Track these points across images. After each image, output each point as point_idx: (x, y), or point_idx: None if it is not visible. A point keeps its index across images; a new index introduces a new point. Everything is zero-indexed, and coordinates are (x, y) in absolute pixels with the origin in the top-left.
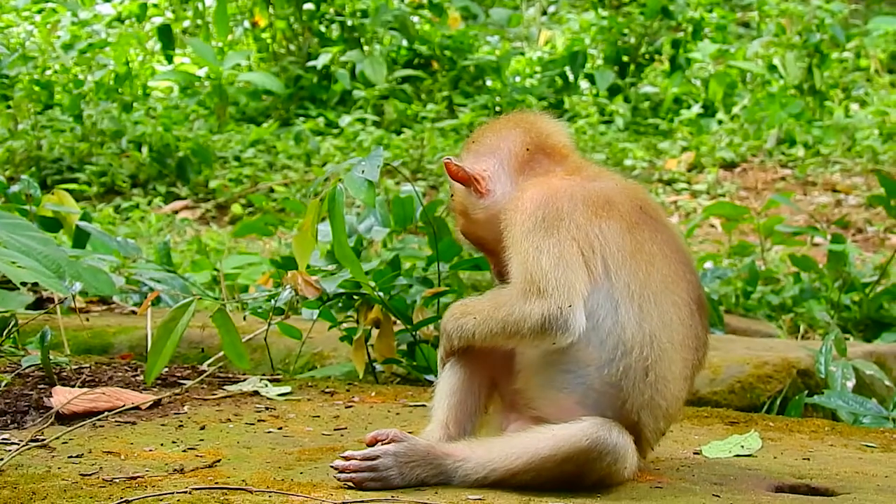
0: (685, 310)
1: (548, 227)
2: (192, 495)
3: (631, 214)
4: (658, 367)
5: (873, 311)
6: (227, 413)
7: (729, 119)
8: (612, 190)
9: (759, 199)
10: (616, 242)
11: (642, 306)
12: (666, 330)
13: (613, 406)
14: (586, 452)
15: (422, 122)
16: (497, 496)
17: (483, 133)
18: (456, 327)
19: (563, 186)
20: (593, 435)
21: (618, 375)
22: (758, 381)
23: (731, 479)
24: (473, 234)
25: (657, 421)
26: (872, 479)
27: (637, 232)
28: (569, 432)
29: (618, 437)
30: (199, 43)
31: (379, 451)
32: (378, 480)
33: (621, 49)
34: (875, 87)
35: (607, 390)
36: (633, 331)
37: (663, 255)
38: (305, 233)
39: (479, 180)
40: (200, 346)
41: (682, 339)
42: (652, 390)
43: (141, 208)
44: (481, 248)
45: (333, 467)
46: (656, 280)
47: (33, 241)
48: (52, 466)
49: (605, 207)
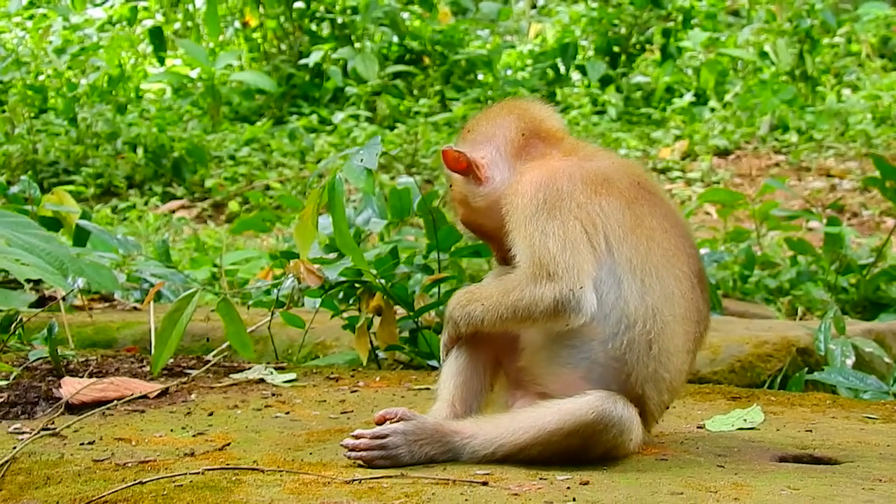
0: (686, 283)
1: (550, 208)
2: (205, 476)
3: (629, 190)
4: (661, 339)
5: (871, 292)
6: (234, 400)
7: (721, 107)
8: (610, 168)
9: (753, 185)
10: (616, 219)
11: (644, 280)
12: (668, 303)
13: (618, 380)
14: (592, 425)
15: (414, 116)
16: (505, 471)
17: (477, 122)
18: (464, 314)
19: (562, 167)
20: (598, 408)
21: (622, 349)
22: (758, 360)
23: (735, 450)
24: (474, 223)
25: (661, 394)
26: (874, 448)
27: (636, 207)
28: (574, 406)
29: (623, 410)
30: (190, 44)
31: (388, 429)
32: (388, 458)
33: (612, 40)
34: (867, 71)
35: (612, 364)
36: (635, 305)
37: (663, 229)
38: (306, 222)
39: (479, 167)
40: (205, 337)
41: (684, 312)
42: (656, 363)
43: (138, 208)
44: (483, 236)
45: (344, 446)
46: (657, 254)
47: (36, 238)
48: (65, 453)
49: (603, 185)
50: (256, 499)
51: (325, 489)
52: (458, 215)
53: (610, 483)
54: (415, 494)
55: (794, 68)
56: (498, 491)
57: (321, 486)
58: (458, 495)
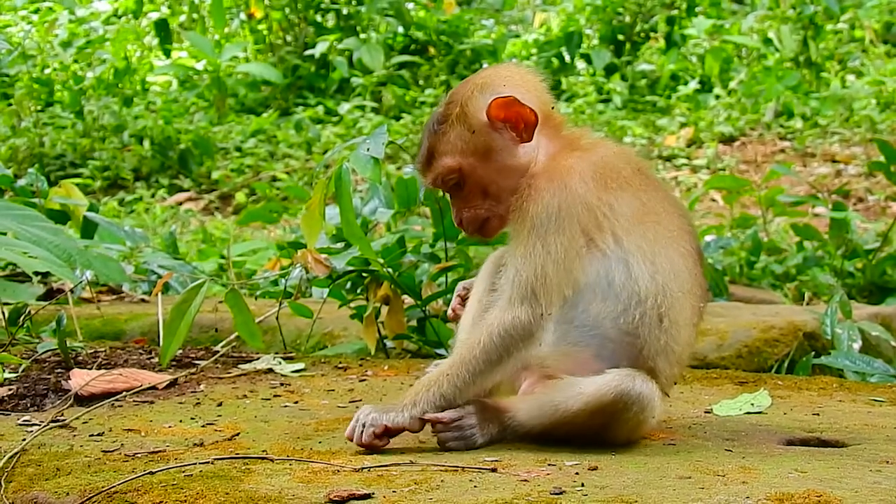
0: (690, 259)
1: (561, 217)
2: (215, 465)
3: (634, 178)
4: (671, 313)
5: (877, 276)
6: (242, 390)
7: (726, 94)
8: (613, 158)
9: (758, 171)
10: (624, 212)
11: (654, 261)
12: (677, 279)
13: (630, 355)
14: (613, 404)
15: (420, 107)
16: (513, 457)
17: (502, 75)
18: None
19: (573, 167)
20: (618, 387)
21: (634, 323)
22: (764, 345)
23: (743, 434)
24: (474, 176)
25: (672, 366)
26: (882, 430)
27: (642, 195)
28: (595, 387)
29: (642, 386)
30: (196, 36)
31: (463, 411)
32: (461, 440)
33: (616, 28)
34: (871, 57)
35: (624, 339)
36: (646, 283)
37: (666, 211)
38: (313, 211)
39: (528, 125)
40: (213, 328)
41: (690, 287)
42: (667, 336)
43: (145, 201)
44: (467, 194)
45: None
46: (664, 236)
47: (44, 231)
48: (75, 444)
49: (613, 178)
50: (266, 487)
51: (334, 477)
52: (457, 162)
53: (618, 468)
54: (424, 482)
55: (799, 55)
56: (507, 477)
57: (330, 475)
58: (466, 482)
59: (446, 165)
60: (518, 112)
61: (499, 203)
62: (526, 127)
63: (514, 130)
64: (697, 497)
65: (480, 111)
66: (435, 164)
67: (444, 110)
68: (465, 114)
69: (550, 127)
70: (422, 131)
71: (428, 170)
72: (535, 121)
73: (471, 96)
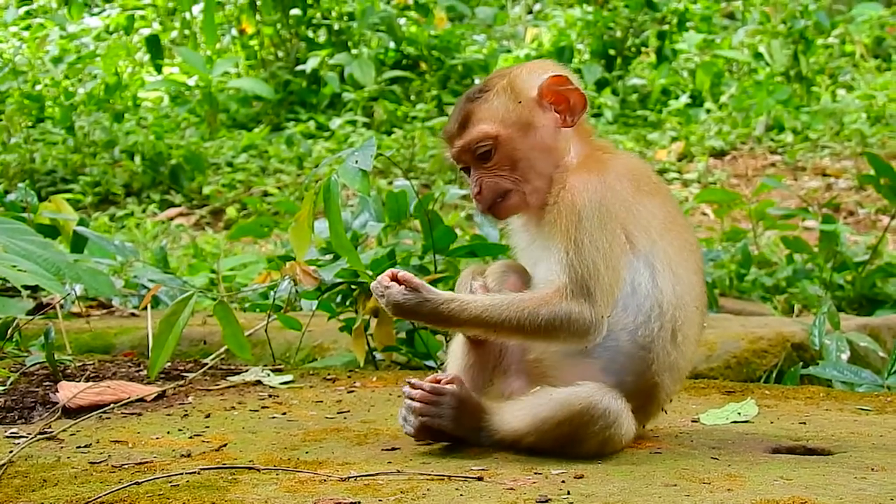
0: (701, 275)
1: (602, 214)
2: (202, 476)
3: (661, 187)
4: (684, 328)
5: (867, 289)
6: (231, 401)
7: (717, 108)
8: (641, 164)
9: (749, 185)
10: (657, 214)
11: (676, 272)
12: (691, 294)
13: (639, 369)
14: (579, 415)
15: (412, 122)
16: (500, 465)
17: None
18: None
19: (609, 165)
20: (586, 399)
21: (650, 337)
22: (753, 356)
23: (729, 443)
24: (508, 147)
25: (675, 383)
26: (868, 438)
27: (668, 204)
28: (564, 396)
29: (610, 402)
30: (187, 52)
31: (446, 389)
32: (437, 417)
33: (607, 43)
34: (861, 71)
35: (637, 352)
36: (668, 294)
37: (684, 225)
38: (302, 224)
39: (576, 111)
40: (202, 341)
41: (701, 303)
42: (677, 352)
43: (136, 216)
44: (484, 164)
45: (405, 391)
46: (685, 248)
47: (33, 245)
48: (62, 456)
49: (645, 183)
50: (252, 497)
51: (320, 487)
52: (490, 129)
53: (604, 476)
54: (410, 490)
55: (789, 69)
56: (493, 486)
57: (317, 484)
58: (453, 490)
59: (483, 131)
60: (568, 95)
61: (524, 181)
62: (572, 112)
63: (559, 113)
64: None
65: (532, 86)
66: (470, 128)
67: (485, 83)
68: (512, 86)
69: (583, 130)
70: (457, 101)
71: (460, 135)
72: (583, 107)
73: (520, 73)
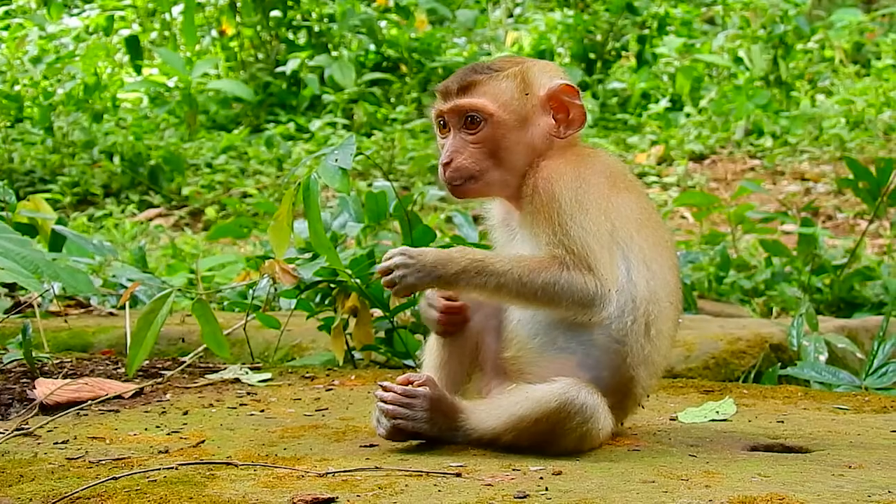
0: (675, 272)
1: (581, 200)
2: (179, 471)
3: (636, 184)
4: (657, 323)
5: (845, 292)
6: (209, 399)
7: (697, 112)
8: (618, 162)
9: (728, 189)
10: (633, 211)
11: (650, 267)
12: (665, 289)
13: (614, 363)
14: (556, 412)
15: (391, 124)
16: (478, 462)
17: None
18: (473, 283)
19: (586, 160)
20: (562, 396)
21: (624, 331)
22: (731, 357)
23: (707, 441)
24: (496, 132)
25: (650, 377)
26: (845, 437)
27: (643, 201)
28: (540, 393)
29: (586, 397)
30: (167, 53)
31: (418, 391)
32: (411, 420)
33: (588, 46)
34: (840, 76)
35: (611, 346)
36: (642, 288)
37: (658, 222)
38: (281, 222)
39: (575, 124)
40: (181, 339)
41: (676, 300)
42: (651, 346)
43: (114, 217)
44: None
45: (376, 395)
46: (660, 244)
47: (10, 242)
48: (39, 452)
49: (621, 179)
50: (230, 493)
51: (298, 482)
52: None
53: (582, 473)
54: (388, 486)
55: (769, 74)
56: (471, 482)
57: (295, 480)
58: (431, 486)
59: (482, 104)
60: (571, 108)
61: (496, 169)
62: (569, 125)
63: (556, 121)
64: (661, 500)
65: (542, 86)
66: (472, 95)
67: (497, 62)
68: (525, 76)
69: (570, 140)
70: (463, 68)
71: (459, 95)
72: (581, 124)
73: (532, 67)
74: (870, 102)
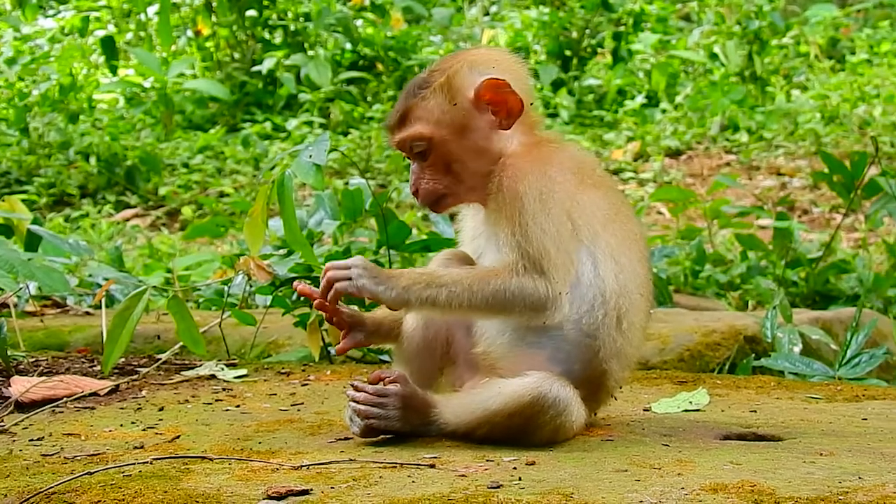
0: (646, 264)
1: (545, 199)
2: (154, 465)
3: (605, 179)
4: (629, 315)
5: (820, 285)
6: (184, 395)
7: (672, 108)
8: (586, 157)
9: (704, 184)
10: (599, 206)
11: (619, 261)
12: (635, 282)
13: (585, 357)
14: (530, 406)
15: (368, 122)
16: (452, 453)
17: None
18: (422, 297)
19: (551, 157)
20: (535, 389)
21: (595, 324)
22: (706, 349)
23: (680, 430)
24: (442, 150)
25: (623, 369)
26: (817, 425)
27: (611, 195)
28: (512, 388)
29: (559, 391)
30: (143, 53)
31: (389, 390)
32: (384, 419)
33: (563, 43)
34: (815, 72)
35: (582, 340)
36: (611, 283)
37: (628, 216)
38: (256, 218)
39: (513, 113)
40: (156, 337)
41: (647, 291)
42: (623, 338)
43: (91, 217)
44: (422, 161)
45: (348, 395)
46: (629, 238)
47: None
48: (14, 449)
49: (588, 175)
50: (205, 486)
51: (273, 475)
52: (430, 131)
53: (556, 463)
54: (363, 478)
55: (744, 69)
56: (445, 473)
57: (270, 473)
58: (405, 477)
59: (417, 132)
60: (506, 98)
61: (459, 182)
62: (508, 115)
63: (495, 115)
64: (633, 489)
65: (468, 87)
66: (407, 126)
67: (427, 76)
68: (450, 85)
69: (527, 122)
70: (401, 92)
71: (398, 130)
72: (520, 111)
73: (459, 70)
74: (844, 97)
